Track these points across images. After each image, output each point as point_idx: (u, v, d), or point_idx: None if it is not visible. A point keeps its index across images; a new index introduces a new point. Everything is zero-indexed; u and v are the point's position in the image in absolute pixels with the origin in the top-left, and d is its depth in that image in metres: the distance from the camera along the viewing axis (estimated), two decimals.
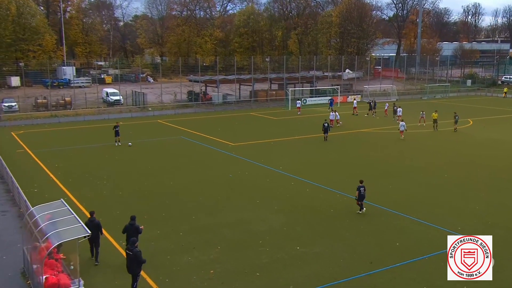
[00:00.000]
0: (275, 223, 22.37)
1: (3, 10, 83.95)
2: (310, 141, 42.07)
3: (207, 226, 22.05)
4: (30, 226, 17.15)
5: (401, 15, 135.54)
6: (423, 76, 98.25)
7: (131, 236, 18.19)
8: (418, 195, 26.47)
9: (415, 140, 42.71)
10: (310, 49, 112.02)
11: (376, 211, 23.92)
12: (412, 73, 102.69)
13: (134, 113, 60.33)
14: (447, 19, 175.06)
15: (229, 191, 27.39)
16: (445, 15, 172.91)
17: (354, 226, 22.01)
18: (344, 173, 30.77)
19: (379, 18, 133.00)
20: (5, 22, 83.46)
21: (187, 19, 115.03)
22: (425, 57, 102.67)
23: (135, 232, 18.41)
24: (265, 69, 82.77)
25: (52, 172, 31.42)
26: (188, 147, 39.98)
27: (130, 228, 18.52)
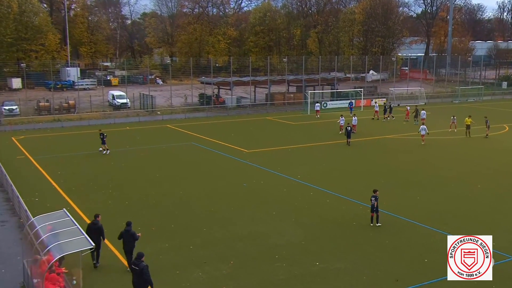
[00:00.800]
0: (292, 237, 22.27)
1: (4, 7, 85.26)
2: (331, 148, 41.92)
3: (220, 239, 22.04)
4: (30, 238, 17.29)
5: (430, 11, 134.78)
6: (454, 78, 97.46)
7: (127, 243, 18.61)
8: (449, 208, 26.16)
9: (445, 147, 42.32)
10: (331, 49, 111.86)
11: (403, 224, 23.70)
12: (442, 75, 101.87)
13: (142, 117, 60.71)
14: (480, 16, 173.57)
15: (243, 201, 27.36)
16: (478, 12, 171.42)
17: (378, 240, 21.81)
18: (368, 183, 30.54)
19: (406, 15, 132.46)
20: (6, 21, 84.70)
21: (199, 16, 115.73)
22: (456, 57, 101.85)
23: (131, 238, 18.62)
24: (283, 70, 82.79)
25: (54, 180, 31.69)
26: (199, 154, 40.06)
27: (125, 235, 18.73)
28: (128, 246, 18.75)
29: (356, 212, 25.36)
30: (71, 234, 16.45)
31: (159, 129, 52.49)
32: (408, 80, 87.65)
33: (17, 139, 45.93)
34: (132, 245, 18.72)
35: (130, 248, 18.70)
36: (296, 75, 79.98)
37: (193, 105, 68.75)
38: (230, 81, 69.81)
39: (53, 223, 17.46)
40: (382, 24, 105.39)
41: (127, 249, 18.76)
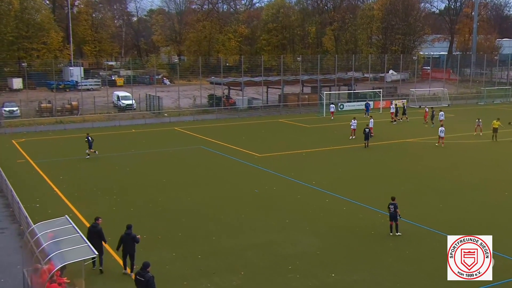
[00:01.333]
0: (307, 246, 22.22)
1: (4, 4, 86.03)
2: (348, 152, 41.81)
3: (229, 248, 22.04)
4: (31, 246, 17.39)
5: (454, 7, 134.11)
6: (479, 78, 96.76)
7: (128, 247, 19.01)
8: (474, 216, 25.97)
9: (469, 151, 42.07)
10: (348, 47, 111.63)
11: (424, 234, 23.55)
12: (466, 75, 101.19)
13: (148, 119, 60.96)
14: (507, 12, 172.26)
15: (255, 208, 27.35)
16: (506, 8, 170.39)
17: (398, 251, 21.69)
18: (387, 189, 30.37)
19: (428, 12, 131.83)
20: (6, 18, 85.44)
21: (209, 13, 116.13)
22: (481, 56, 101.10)
23: (132, 242, 19.04)
24: (297, 70, 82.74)
25: (56, 185, 31.89)
26: (208, 158, 40.14)
27: (126, 238, 19.11)
28: (129, 249, 19.21)
29: (374, 221, 25.24)
30: (73, 242, 16.54)
31: (166, 132, 52.66)
32: (430, 81, 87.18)
33: (17, 142, 46.30)
34: (133, 249, 19.22)
35: (131, 251, 19.21)
36: (311, 75, 79.81)
37: (202, 106, 68.90)
38: (241, 82, 69.85)
39: (55, 231, 17.55)
40: (402, 21, 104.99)
41: (129, 252, 19.21)
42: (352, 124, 46.82)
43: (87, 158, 39.23)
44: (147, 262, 16.26)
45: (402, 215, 23.65)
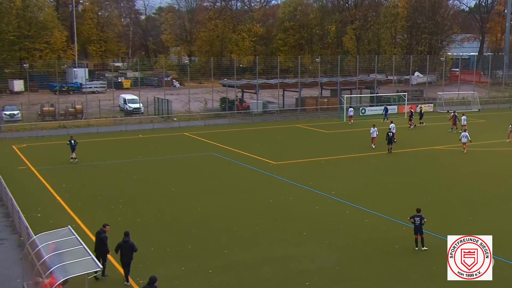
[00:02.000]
0: (325, 261, 22.14)
1: (6, 2, 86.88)
2: (370, 160, 41.64)
3: (243, 263, 22.02)
4: (31, 258, 17.49)
5: (485, 5, 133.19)
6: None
7: (125, 256, 19.53)
8: (507, 229, 25.68)
9: (502, 159, 41.71)
10: (371, 48, 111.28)
11: None
12: (498, 77, 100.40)
13: (157, 124, 61.21)
14: None
15: (270, 220, 27.32)
16: None
17: (424, 267, 21.53)
18: (412, 200, 30.18)
19: (457, 9, 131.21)
20: (8, 16, 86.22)
21: (221, 11, 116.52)
22: None
23: (130, 250, 19.57)
24: (315, 72, 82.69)
25: (58, 193, 32.09)
26: (220, 166, 40.19)
27: (124, 246, 19.67)
28: (126, 258, 19.68)
29: (398, 234, 25.09)
30: (77, 254, 16.61)
31: (175, 138, 52.82)
32: (459, 83, 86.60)
33: (18, 148, 46.70)
34: (130, 257, 19.71)
35: (128, 260, 19.69)
36: (330, 77, 79.67)
37: (214, 110, 69.07)
38: (256, 84, 69.96)
39: (57, 242, 17.64)
40: (429, 19, 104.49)
41: (125, 261, 19.70)
42: (372, 132, 45.94)
43: (75, 162, 39.84)
44: (154, 277, 16.32)
45: (428, 228, 23.48)
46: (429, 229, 23.76)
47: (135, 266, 20.13)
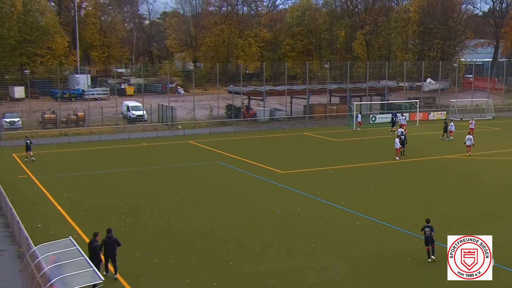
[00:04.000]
0: (335, 274, 22.06)
1: (7, 6, 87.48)
2: (380, 169, 41.52)
3: (249, 276, 21.97)
4: (31, 270, 17.50)
5: (499, 9, 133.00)
6: None
7: (110, 251, 20.83)
8: None
9: None
10: (381, 53, 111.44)
11: None
12: None
13: (160, 131, 61.29)
14: None
15: (277, 231, 27.25)
16: None
17: (437, 279, 21.40)
18: (424, 211, 30.03)
19: (471, 14, 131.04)
20: (9, 21, 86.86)
21: (227, 16, 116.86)
22: None
23: (114, 245, 20.86)
24: (324, 78, 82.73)
25: (59, 203, 32.13)
26: (226, 175, 40.17)
27: (108, 242, 20.89)
28: (112, 253, 21.16)
29: (410, 246, 24.97)
30: (78, 266, 16.60)
31: (179, 146, 52.87)
32: (473, 90, 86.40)
33: (18, 156, 46.81)
34: (115, 252, 20.94)
35: (114, 255, 20.95)
36: (339, 83, 79.72)
37: (219, 118, 69.14)
38: (263, 91, 70.01)
39: (58, 253, 17.64)
40: (441, 24, 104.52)
41: (112, 257, 21.22)
42: (396, 143, 44.83)
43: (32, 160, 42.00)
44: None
45: (441, 240, 23.34)
46: (442, 241, 23.56)
47: (138, 278, 20.11)
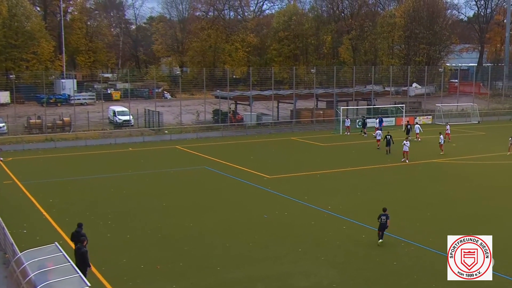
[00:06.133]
0: (322, 279, 22.07)
1: None
2: (367, 174, 41.64)
3: (236, 281, 21.92)
4: (16, 276, 17.37)
5: (484, 14, 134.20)
6: None
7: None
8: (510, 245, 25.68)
9: (502, 173, 41.81)
10: (367, 58, 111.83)
11: None
12: (498, 88, 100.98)
13: (147, 136, 61.14)
14: None
15: (264, 236, 27.23)
16: None
17: (425, 284, 21.48)
18: (411, 215, 30.25)
19: (456, 19, 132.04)
20: None
21: (214, 21, 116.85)
22: None
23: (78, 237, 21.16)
24: (310, 83, 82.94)
25: (45, 209, 31.93)
26: (213, 180, 40.12)
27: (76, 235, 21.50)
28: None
29: (397, 250, 25.06)
30: (64, 272, 16.51)
31: (166, 151, 52.77)
32: (458, 95, 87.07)
33: (3, 162, 46.47)
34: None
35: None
36: (326, 88, 79.95)
37: (206, 123, 69.09)
38: (249, 96, 70.08)
39: (44, 259, 17.53)
40: (427, 29, 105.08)
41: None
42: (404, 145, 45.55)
43: None
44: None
45: (429, 245, 23.50)
46: (429, 245, 23.75)
47: (125, 284, 19.99)
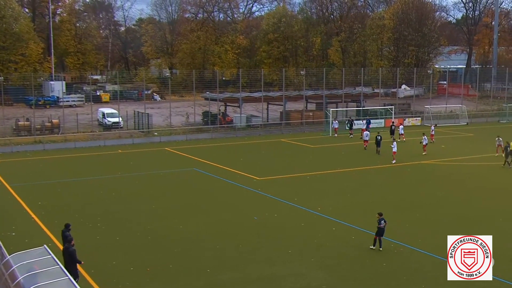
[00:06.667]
0: (312, 280, 22.09)
1: None
2: (357, 176, 41.73)
3: (226, 283, 21.89)
4: (5, 279, 17.27)
5: (472, 17, 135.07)
6: (500, 93, 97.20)
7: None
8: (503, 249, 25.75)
9: (490, 174, 42.07)
10: (357, 60, 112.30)
11: (438, 264, 23.36)
12: (486, 90, 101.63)
13: (136, 138, 60.97)
14: None
15: (254, 238, 27.23)
16: None
17: (414, 285, 21.55)
18: (401, 217, 30.32)
19: (444, 21, 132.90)
20: None
21: (203, 23, 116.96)
22: (503, 69, 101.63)
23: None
24: (300, 85, 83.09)
25: (34, 211, 31.76)
26: (202, 182, 40.06)
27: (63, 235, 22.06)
28: None
29: (387, 251, 25.09)
30: (53, 274, 16.42)
31: (156, 153, 52.64)
32: (447, 96, 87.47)
33: None
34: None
35: None
36: (315, 90, 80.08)
37: (196, 124, 69.01)
38: (239, 97, 70.08)
39: (32, 262, 17.44)
40: (416, 31, 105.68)
41: None
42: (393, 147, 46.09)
43: None
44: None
45: (417, 245, 23.57)
46: (418, 246, 23.83)
47: (114, 287, 19.89)
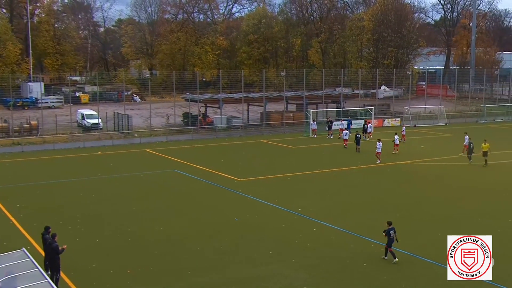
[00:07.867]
0: (293, 280, 22.13)
1: None
2: (337, 176, 41.94)
3: (207, 284, 21.86)
4: None
5: (450, 18, 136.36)
6: (478, 94, 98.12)
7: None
8: None
9: (473, 174, 42.47)
10: (336, 61, 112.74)
11: (423, 265, 23.57)
12: (465, 91, 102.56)
13: (116, 140, 60.66)
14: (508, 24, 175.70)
15: (235, 239, 27.24)
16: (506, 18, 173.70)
17: (395, 285, 21.68)
18: (380, 216, 30.42)
19: (423, 22, 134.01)
20: None
21: (183, 24, 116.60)
22: (481, 70, 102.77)
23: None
24: (280, 86, 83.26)
25: (12, 214, 31.47)
26: (183, 183, 39.99)
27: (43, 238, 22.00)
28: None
29: (367, 251, 25.26)
30: (32, 278, 16.31)
31: (136, 154, 52.44)
32: (426, 97, 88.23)
33: None
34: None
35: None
36: (296, 91, 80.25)
37: (176, 126, 68.83)
38: (219, 98, 70.03)
39: (11, 265, 17.30)
40: (395, 32, 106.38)
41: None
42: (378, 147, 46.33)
43: None
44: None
45: (397, 246, 23.73)
46: (399, 246, 23.98)
47: None
